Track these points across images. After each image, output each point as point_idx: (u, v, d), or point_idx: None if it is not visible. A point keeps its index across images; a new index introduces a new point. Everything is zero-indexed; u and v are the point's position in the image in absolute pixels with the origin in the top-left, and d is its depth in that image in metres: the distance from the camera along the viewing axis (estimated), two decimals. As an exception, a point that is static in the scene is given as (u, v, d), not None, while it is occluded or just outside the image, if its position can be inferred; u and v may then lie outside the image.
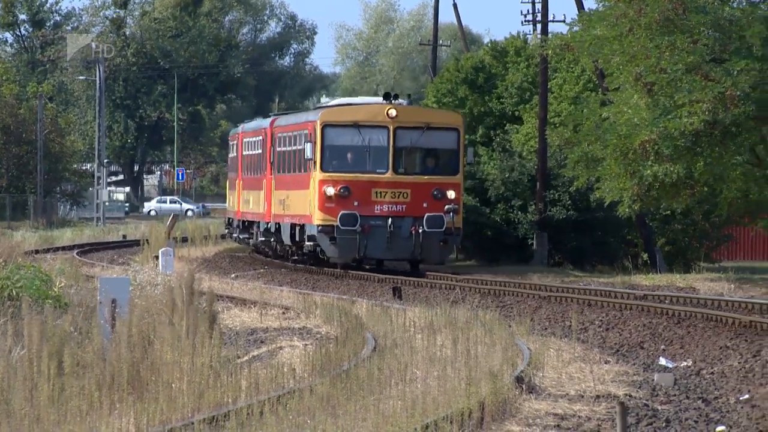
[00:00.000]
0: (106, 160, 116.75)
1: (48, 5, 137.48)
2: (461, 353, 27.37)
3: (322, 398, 22.59)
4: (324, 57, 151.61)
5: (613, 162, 48.20)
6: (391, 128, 44.47)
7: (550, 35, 66.22)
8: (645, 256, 56.71)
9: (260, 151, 55.00)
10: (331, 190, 43.99)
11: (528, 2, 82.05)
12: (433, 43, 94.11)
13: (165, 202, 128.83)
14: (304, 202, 46.18)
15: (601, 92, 53.12)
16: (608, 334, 36.02)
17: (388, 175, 44.34)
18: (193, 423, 20.42)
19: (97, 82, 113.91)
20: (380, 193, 44.09)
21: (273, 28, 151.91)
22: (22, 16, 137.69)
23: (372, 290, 49.24)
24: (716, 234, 59.79)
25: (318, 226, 44.45)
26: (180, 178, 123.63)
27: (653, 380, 27.50)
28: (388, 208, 44.04)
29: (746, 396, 25.25)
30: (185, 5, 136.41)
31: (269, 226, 52.69)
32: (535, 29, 79.63)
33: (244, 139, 60.56)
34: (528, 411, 22.90)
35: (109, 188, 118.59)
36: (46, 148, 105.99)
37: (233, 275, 56.72)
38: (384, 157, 44.32)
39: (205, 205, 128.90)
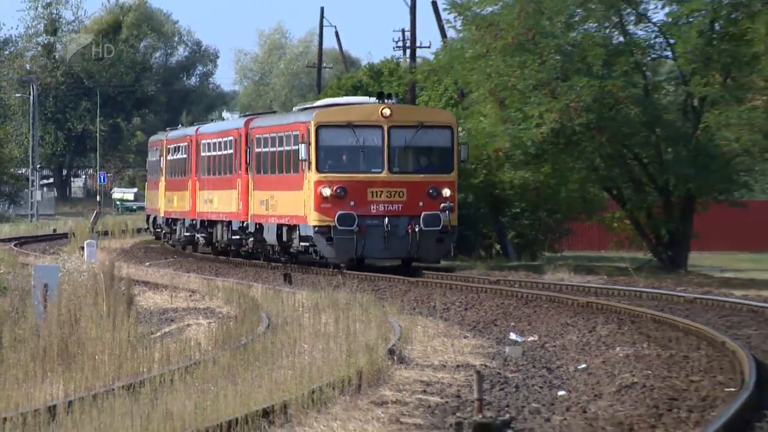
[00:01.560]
0: (38, 166, 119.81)
1: None
2: (342, 330, 27.84)
3: (224, 368, 22.88)
4: (225, 77, 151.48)
5: (474, 167, 49.53)
6: (386, 127, 40.89)
7: (418, 59, 69.01)
8: (498, 247, 57.97)
9: (229, 151, 49.30)
10: (327, 191, 40.35)
11: (399, 31, 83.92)
12: (318, 65, 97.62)
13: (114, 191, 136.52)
14: (296, 203, 42.44)
15: (461, 107, 54.27)
16: (467, 313, 36.47)
17: (384, 174, 40.88)
18: (113, 389, 20.35)
19: (31, 98, 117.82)
20: (376, 192, 40.59)
21: (181, 52, 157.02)
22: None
23: (266, 276, 49.38)
24: (558, 228, 61.61)
25: (314, 226, 40.92)
26: (102, 181, 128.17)
27: (505, 352, 27.97)
28: (384, 207, 40.49)
29: (583, 365, 25.72)
30: (106, 33, 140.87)
31: (244, 225, 47.74)
32: (405, 54, 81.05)
33: (203, 142, 53.80)
34: (399, 378, 23.25)
35: (41, 189, 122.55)
36: None
37: (147, 264, 56.84)
38: (379, 156, 40.91)
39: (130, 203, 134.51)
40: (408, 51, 76.35)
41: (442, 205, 40.10)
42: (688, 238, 50.90)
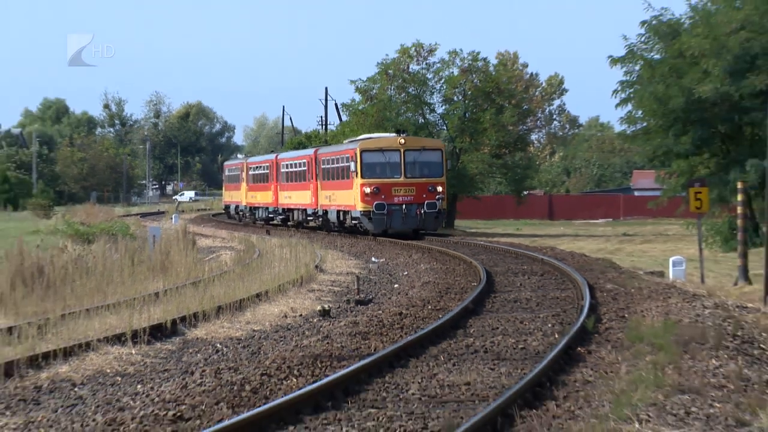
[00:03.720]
0: (150, 180, 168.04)
1: (128, 116, 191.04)
2: (293, 256, 32.57)
3: (238, 274, 27.51)
4: (238, 138, 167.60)
5: None
6: (402, 150, 45.70)
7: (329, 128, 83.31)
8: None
9: (303, 168, 54.67)
10: (368, 189, 44.87)
11: (319, 117, 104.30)
12: (282, 133, 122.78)
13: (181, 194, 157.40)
14: (348, 197, 46.74)
15: None
16: (352, 248, 41.27)
17: (401, 179, 45.31)
18: (186, 284, 24.55)
19: (147, 148, 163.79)
20: (397, 189, 45.10)
21: (217, 126, 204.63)
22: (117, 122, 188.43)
23: (258, 231, 55.32)
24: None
25: (360, 211, 45.24)
26: (180, 186, 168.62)
27: (369, 266, 32.44)
28: (402, 198, 45.03)
29: (405, 273, 30.31)
30: (183, 116, 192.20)
31: (316, 211, 53.27)
32: (323, 127, 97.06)
33: (283, 161, 59.58)
34: (320, 279, 28.06)
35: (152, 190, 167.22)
36: (127, 174, 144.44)
37: (202, 225, 65.11)
38: (398, 168, 45.43)
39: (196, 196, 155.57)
40: (323, 126, 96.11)
41: (437, 196, 45.30)
42: (454, 213, 64.19)
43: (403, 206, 44.98)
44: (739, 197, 27.31)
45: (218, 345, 17.94)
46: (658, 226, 64.88)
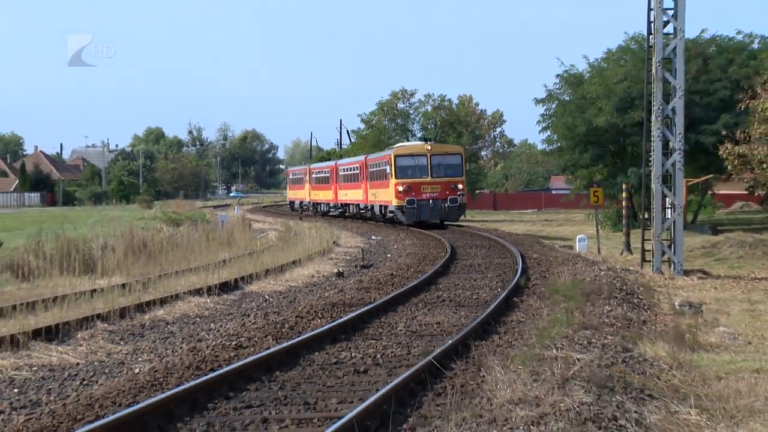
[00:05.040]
0: (221, 183, 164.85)
1: (205, 138, 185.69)
2: (318, 235, 32.13)
3: (280, 247, 27.56)
4: (280, 154, 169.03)
5: None
6: (428, 155, 38.91)
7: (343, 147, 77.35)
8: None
9: (356, 172, 46.90)
10: (401, 188, 38.51)
11: (336, 138, 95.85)
12: (310, 150, 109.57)
13: (242, 194, 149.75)
14: (387, 195, 40.42)
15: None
16: (358, 230, 39.66)
17: (428, 179, 38.52)
18: (244, 255, 24.47)
19: (218, 160, 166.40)
20: (425, 188, 38.46)
21: (266, 145, 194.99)
22: (197, 143, 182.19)
23: (293, 217, 53.34)
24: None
25: (395, 206, 38.83)
26: (241, 187, 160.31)
27: (370, 242, 31.77)
28: (429, 195, 38.43)
29: (395, 246, 29.03)
30: (243, 139, 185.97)
31: (366, 205, 45.30)
32: (339, 145, 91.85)
33: (340, 167, 51.09)
34: (336, 251, 27.85)
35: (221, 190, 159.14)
36: (204, 179, 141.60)
37: (256, 214, 61.54)
38: (426, 170, 38.63)
39: (246, 194, 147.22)
40: (339, 146, 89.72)
41: (458, 193, 38.54)
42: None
43: (430, 201, 38.59)
44: (624, 194, 27.16)
45: (266, 296, 17.68)
46: (568, 215, 64.59)
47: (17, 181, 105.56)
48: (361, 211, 47.46)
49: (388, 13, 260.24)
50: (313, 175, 59.05)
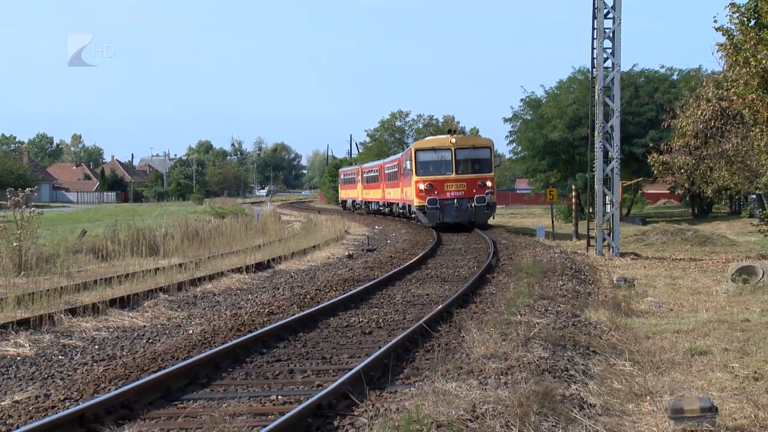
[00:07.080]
0: (257, 184, 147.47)
1: (244, 150, 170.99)
2: (334, 225, 31.88)
3: (302, 235, 27.44)
4: (303, 162, 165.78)
5: None
6: (453, 149, 29.25)
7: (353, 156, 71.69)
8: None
9: (395, 170, 35.38)
10: (422, 186, 29.19)
11: (347, 149, 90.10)
12: (327, 159, 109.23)
13: (273, 191, 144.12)
14: (410, 193, 31.05)
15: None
16: (364, 221, 38.52)
17: (453, 175, 29.07)
18: (274, 241, 24.35)
19: (255, 167, 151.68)
20: (449, 185, 29.06)
21: (291, 155, 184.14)
22: (238, 153, 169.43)
23: (314, 212, 49.05)
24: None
25: (416, 206, 29.62)
26: (272, 187, 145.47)
27: (374, 231, 31.25)
28: (454, 193, 29.00)
29: (394, 234, 29.06)
30: (274, 150, 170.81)
31: (404, 204, 34.10)
32: (350, 154, 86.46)
33: (386, 166, 38.88)
34: (347, 238, 27.35)
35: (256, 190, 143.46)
36: (243, 181, 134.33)
37: (284, 209, 58.72)
38: (450, 165, 29.15)
39: (276, 192, 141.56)
40: (349, 155, 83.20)
41: (486, 191, 29.07)
42: None
43: (455, 201, 29.06)
44: (573, 193, 27.11)
45: (292, 273, 17.35)
46: (530, 209, 64.02)
47: (98, 183, 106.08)
48: (400, 210, 36.40)
49: (390, 50, 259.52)
50: (365, 174, 46.65)
